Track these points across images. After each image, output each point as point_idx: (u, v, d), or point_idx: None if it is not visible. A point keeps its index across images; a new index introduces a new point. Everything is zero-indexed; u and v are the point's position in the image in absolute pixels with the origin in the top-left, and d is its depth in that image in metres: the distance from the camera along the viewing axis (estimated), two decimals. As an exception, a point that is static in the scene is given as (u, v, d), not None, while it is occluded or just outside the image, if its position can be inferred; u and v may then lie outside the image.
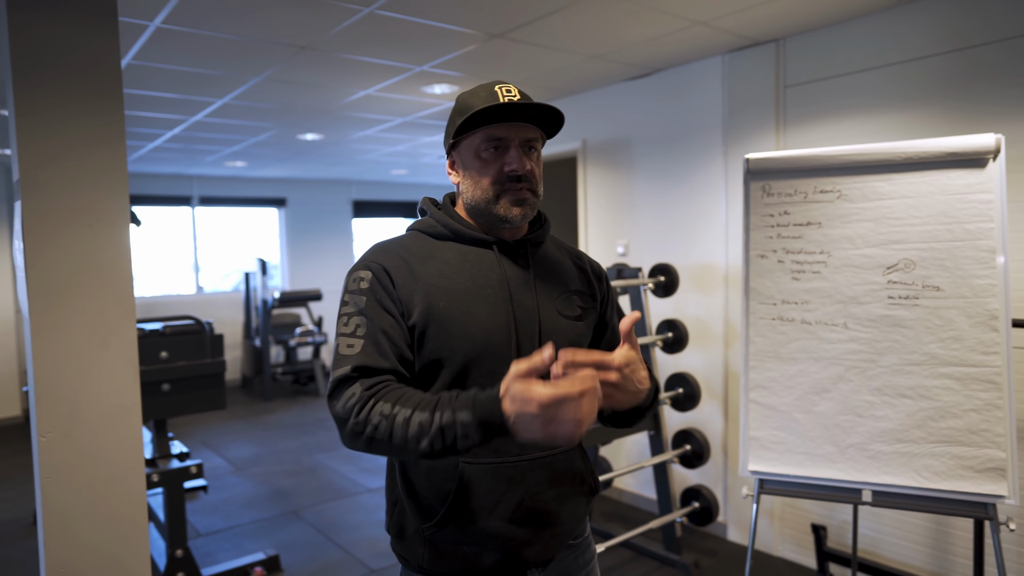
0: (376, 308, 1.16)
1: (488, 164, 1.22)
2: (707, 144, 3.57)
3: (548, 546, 1.24)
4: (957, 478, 2.04)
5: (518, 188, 1.22)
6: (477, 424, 1.02)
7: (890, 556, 2.93)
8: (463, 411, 1.03)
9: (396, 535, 1.27)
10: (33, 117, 1.79)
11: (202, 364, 3.18)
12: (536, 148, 1.26)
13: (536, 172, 1.25)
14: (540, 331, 1.23)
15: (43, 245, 1.80)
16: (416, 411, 1.05)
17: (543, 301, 1.26)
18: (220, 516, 4.11)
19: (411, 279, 1.19)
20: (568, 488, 1.27)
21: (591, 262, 1.42)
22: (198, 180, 7.90)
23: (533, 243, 1.31)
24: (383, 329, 1.14)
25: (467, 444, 1.03)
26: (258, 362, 7.58)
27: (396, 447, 1.06)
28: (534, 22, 2.89)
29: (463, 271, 1.22)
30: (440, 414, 1.04)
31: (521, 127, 1.22)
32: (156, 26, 2.81)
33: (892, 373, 2.14)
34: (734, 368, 3.49)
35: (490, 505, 1.19)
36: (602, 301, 1.38)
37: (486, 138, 1.22)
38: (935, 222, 2.10)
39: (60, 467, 1.83)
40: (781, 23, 2.99)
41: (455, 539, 1.20)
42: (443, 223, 1.27)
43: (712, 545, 3.50)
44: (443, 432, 1.03)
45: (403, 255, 1.23)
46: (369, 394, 1.08)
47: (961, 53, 2.65)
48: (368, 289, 1.18)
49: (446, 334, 1.16)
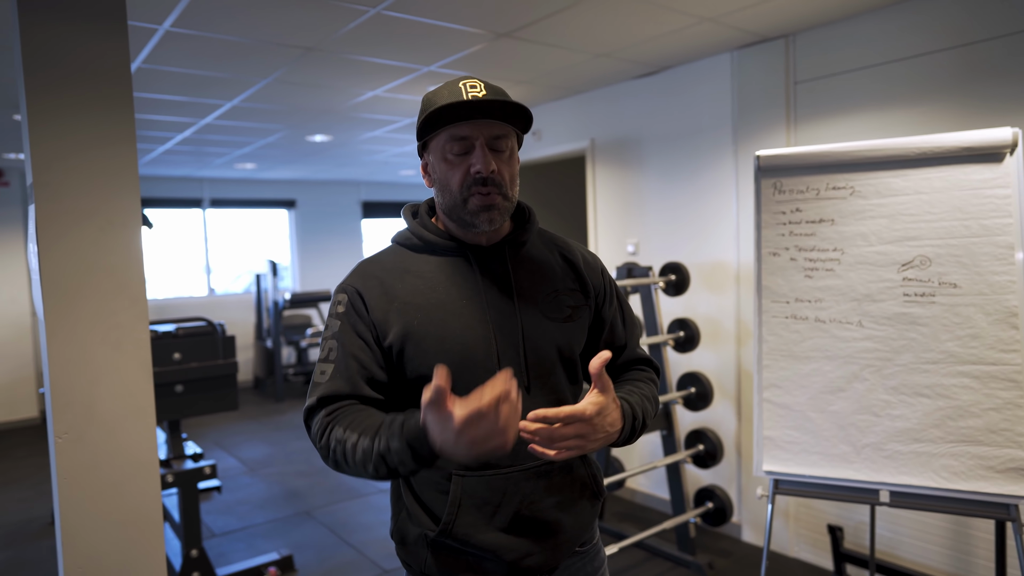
0: (349, 333, 1.17)
1: (454, 166, 1.17)
2: (717, 141, 3.55)
3: (552, 555, 1.22)
4: (977, 478, 2.01)
5: (484, 192, 1.15)
6: (408, 451, 1.01)
7: (908, 557, 2.90)
8: (395, 439, 1.02)
9: (400, 541, 1.26)
10: (45, 121, 1.80)
11: (215, 365, 3.20)
12: (506, 146, 1.18)
13: (506, 173, 1.17)
14: (523, 337, 1.19)
15: (56, 248, 1.81)
16: (361, 436, 1.06)
17: (524, 306, 1.21)
18: (234, 516, 4.13)
19: (385, 300, 1.17)
20: (569, 494, 1.23)
21: (584, 254, 1.34)
22: (208, 182, 7.95)
23: (513, 244, 1.25)
24: (354, 354, 1.15)
25: (406, 470, 1.03)
26: (269, 363, 7.61)
27: (354, 471, 1.08)
28: (541, 21, 2.88)
29: (437, 284, 1.19)
30: (379, 441, 1.04)
31: (487, 124, 1.15)
32: (165, 30, 2.82)
33: (908, 372, 2.12)
34: (747, 367, 3.46)
35: (487, 516, 1.17)
36: (598, 295, 1.31)
37: (450, 138, 1.16)
38: (951, 218, 2.07)
39: (76, 468, 1.84)
40: (790, 18, 2.96)
41: (457, 548, 1.19)
42: (417, 234, 1.24)
43: (726, 546, 3.47)
44: (384, 459, 1.03)
45: (379, 274, 1.21)
46: (328, 420, 1.11)
47: (974, 47, 2.62)
48: (343, 313, 1.18)
49: (423, 351, 1.15)
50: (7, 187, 6.52)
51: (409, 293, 1.18)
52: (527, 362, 1.19)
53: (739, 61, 3.41)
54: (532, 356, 1.19)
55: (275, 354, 7.38)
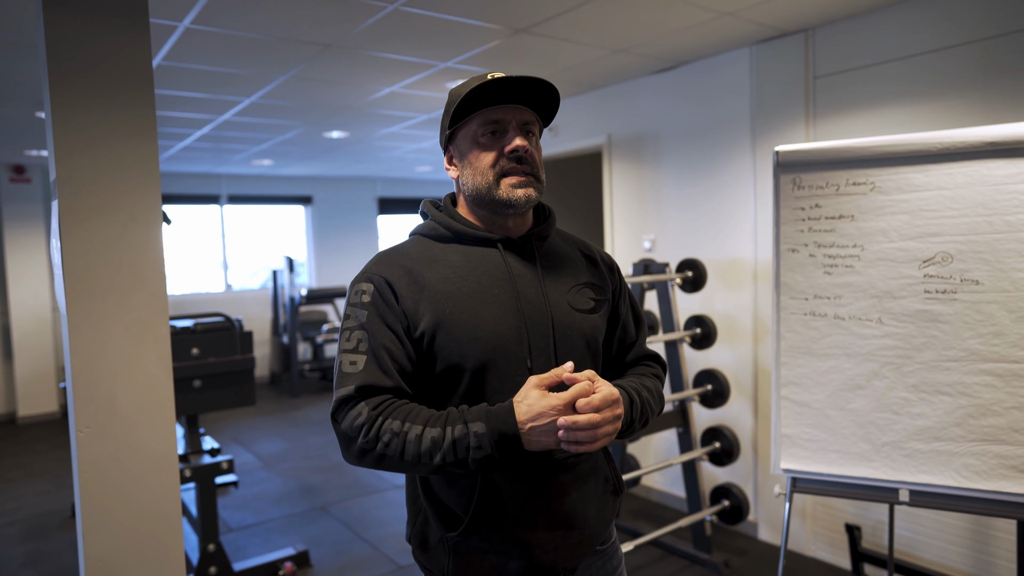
0: (378, 323, 1.14)
1: (487, 148, 1.19)
2: (735, 137, 3.52)
3: (575, 551, 1.21)
4: (999, 478, 1.98)
5: (520, 169, 1.18)
6: (490, 434, 1.04)
7: (928, 557, 2.87)
8: (476, 422, 1.05)
9: (419, 545, 1.25)
10: (68, 117, 1.82)
11: (232, 361, 3.22)
12: (534, 133, 1.23)
13: (536, 157, 1.21)
14: (553, 327, 1.20)
15: (79, 243, 1.83)
16: (427, 427, 1.07)
17: (553, 296, 1.22)
18: (250, 511, 4.16)
19: (415, 289, 1.16)
20: (593, 489, 1.24)
21: (601, 253, 1.38)
22: (226, 179, 8.01)
23: (538, 237, 1.27)
24: (385, 345, 1.13)
25: (479, 455, 1.05)
26: (286, 359, 7.67)
27: (408, 463, 1.08)
28: (558, 16, 2.87)
29: (468, 273, 1.19)
30: (452, 428, 1.06)
31: (517, 110, 1.20)
32: (185, 27, 2.84)
33: (929, 369, 2.09)
34: (764, 364, 3.44)
35: (514, 511, 1.16)
36: (614, 293, 1.34)
37: (483, 122, 1.19)
38: (974, 214, 2.04)
39: (97, 462, 1.87)
40: (810, 12, 2.93)
41: (480, 548, 1.18)
42: (445, 224, 1.24)
43: (743, 544, 3.45)
44: (455, 445, 1.05)
45: (406, 264, 1.20)
46: (376, 412, 1.08)
47: (996, 40, 2.58)
48: (370, 303, 1.16)
49: (455, 340, 1.14)
50: (29, 183, 6.61)
51: (439, 282, 1.17)
52: (557, 352, 1.20)
53: (758, 56, 3.38)
54: (562, 346, 1.20)
55: (291, 350, 7.43)
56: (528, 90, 1.18)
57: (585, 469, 1.23)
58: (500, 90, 1.17)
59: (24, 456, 5.47)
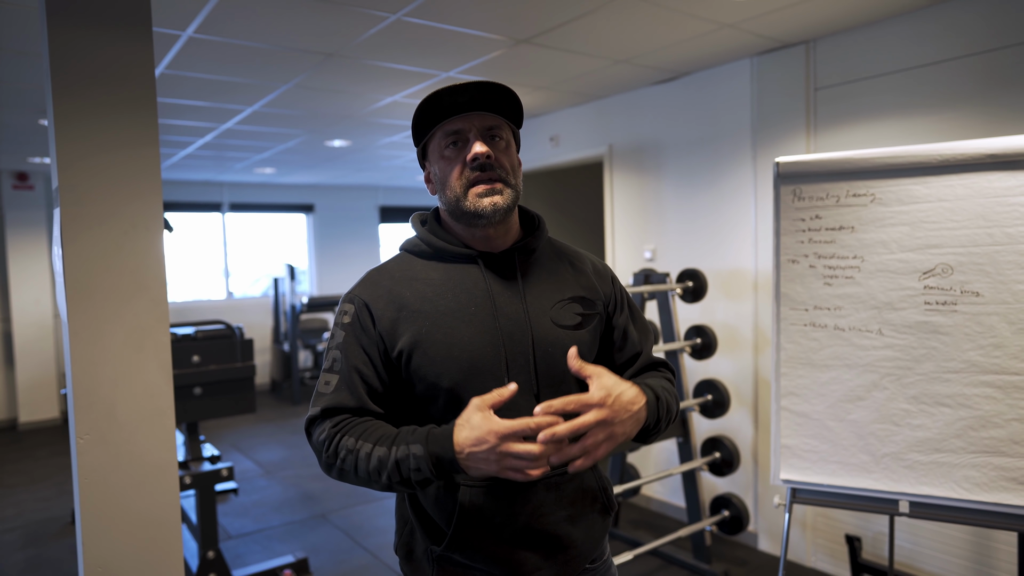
0: (353, 345, 1.16)
1: (451, 161, 1.17)
2: (736, 148, 3.53)
3: (562, 571, 1.19)
4: (1000, 490, 1.98)
5: (484, 177, 1.14)
6: (427, 457, 1.03)
7: (928, 569, 2.85)
8: (415, 444, 1.04)
9: (405, 556, 1.24)
10: (71, 125, 1.83)
11: (233, 368, 3.22)
12: (502, 136, 1.18)
13: (504, 161, 1.17)
14: (533, 345, 1.17)
15: (80, 250, 1.84)
16: (376, 445, 1.07)
17: (535, 312, 1.19)
18: (250, 518, 4.15)
19: (393, 308, 1.16)
20: (580, 508, 1.21)
21: (594, 263, 1.33)
22: (228, 187, 8.03)
23: (522, 251, 1.23)
24: (356, 367, 1.14)
25: (419, 478, 1.04)
26: (287, 366, 7.67)
27: (362, 479, 1.09)
28: (560, 27, 2.89)
29: (446, 291, 1.17)
30: (396, 448, 1.06)
31: (478, 116, 1.15)
32: (188, 36, 2.86)
33: (929, 381, 2.09)
34: (764, 375, 3.44)
35: (495, 529, 1.14)
36: (608, 304, 1.29)
37: (443, 135, 1.17)
38: (974, 226, 2.04)
39: (97, 469, 1.87)
40: (811, 24, 2.95)
41: (463, 563, 1.16)
42: (426, 241, 1.22)
43: (742, 555, 3.44)
44: (398, 465, 1.05)
45: (387, 283, 1.19)
46: (335, 430, 1.11)
47: (997, 53, 2.59)
48: (349, 324, 1.18)
49: (430, 360, 1.13)
50: (32, 190, 6.63)
51: (418, 300, 1.17)
52: (537, 370, 1.17)
53: (759, 67, 3.39)
54: (542, 364, 1.17)
55: (292, 357, 7.43)
56: (490, 95, 1.15)
57: (570, 489, 1.19)
58: (458, 99, 1.14)
59: (25, 462, 5.46)
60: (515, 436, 0.98)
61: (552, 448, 0.99)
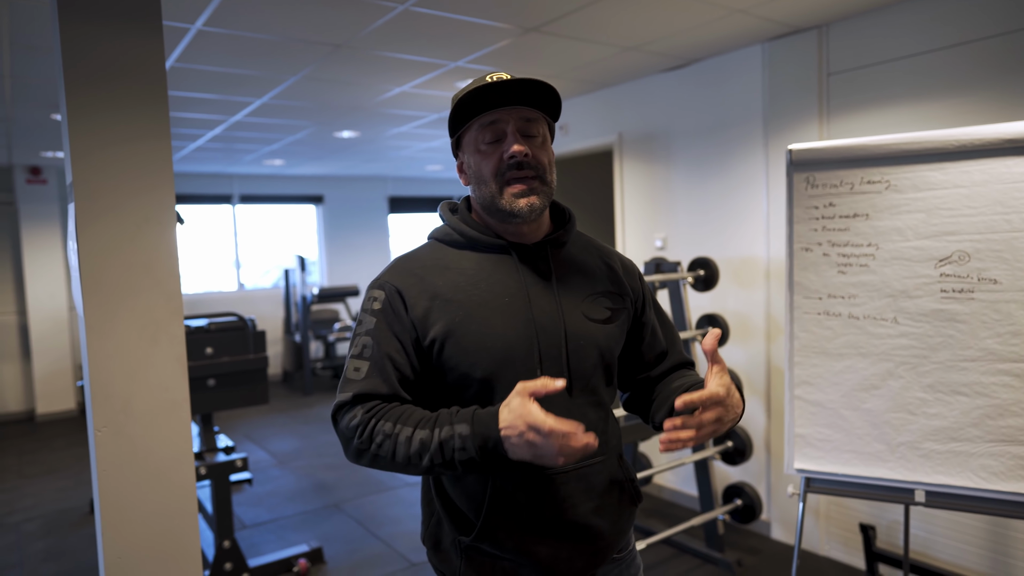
0: (385, 331, 1.14)
1: (487, 156, 1.16)
2: (747, 135, 3.50)
3: (589, 561, 1.19)
4: (1018, 479, 1.96)
5: (521, 176, 1.14)
6: (473, 437, 1.02)
7: (943, 558, 2.84)
8: (461, 424, 1.04)
9: (432, 547, 1.24)
10: (83, 118, 1.84)
11: (246, 360, 3.24)
12: (538, 131, 1.18)
13: (542, 158, 1.16)
14: (566, 337, 1.17)
15: (95, 245, 1.85)
16: (417, 429, 1.06)
17: (567, 305, 1.19)
18: (264, 508, 4.19)
19: (426, 297, 1.15)
20: (607, 500, 1.21)
21: (622, 259, 1.35)
22: (238, 179, 8.06)
23: (554, 244, 1.24)
24: (388, 354, 1.13)
25: (463, 457, 1.03)
26: (298, 357, 7.71)
27: (399, 464, 1.08)
28: (569, 15, 2.87)
29: (479, 281, 1.17)
30: (440, 429, 1.05)
31: (515, 109, 1.15)
32: (197, 29, 2.86)
33: (946, 369, 2.07)
34: (777, 364, 3.42)
35: (524, 520, 1.15)
36: (636, 300, 1.30)
37: (480, 127, 1.16)
38: (991, 212, 2.02)
39: (115, 460, 1.89)
40: (824, 9, 2.91)
41: (491, 553, 1.17)
42: (459, 230, 1.22)
43: (755, 543, 3.44)
44: (442, 447, 1.04)
45: (419, 271, 1.19)
46: (369, 415, 1.09)
47: (1014, 35, 2.54)
48: (380, 311, 1.16)
49: (464, 349, 1.13)
50: (45, 185, 6.68)
51: (450, 289, 1.16)
52: (569, 362, 1.17)
53: (771, 53, 3.35)
54: (574, 357, 1.17)
55: (303, 348, 7.47)
56: (528, 90, 1.14)
57: (598, 480, 1.20)
58: (498, 92, 1.13)
59: (42, 453, 5.54)
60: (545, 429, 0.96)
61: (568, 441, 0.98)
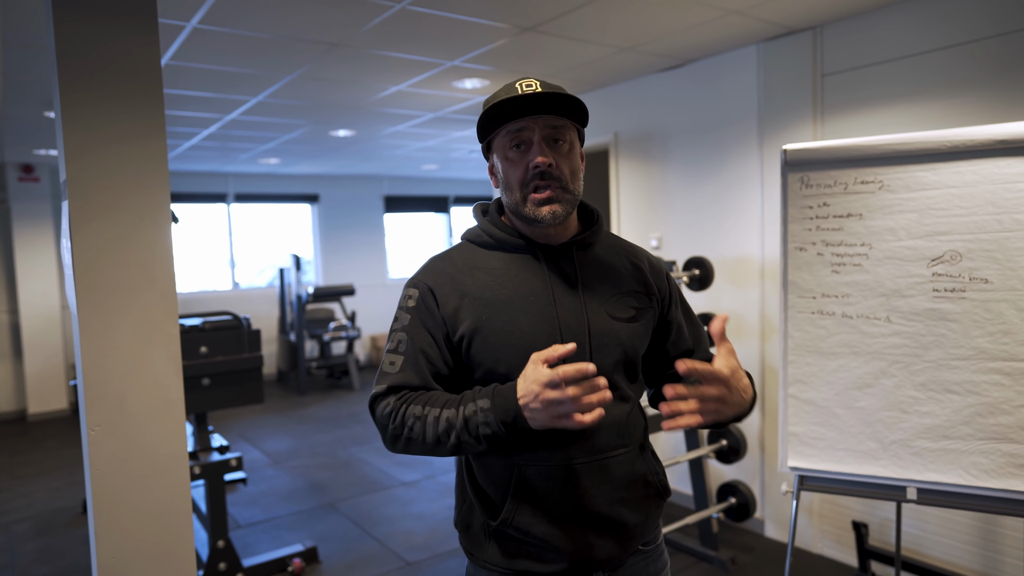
0: (419, 328, 1.21)
1: (514, 164, 1.20)
2: (742, 135, 3.51)
3: (613, 552, 1.22)
4: (1008, 476, 1.98)
5: (544, 186, 1.18)
6: (494, 409, 1.08)
7: (935, 555, 2.86)
8: (483, 399, 1.10)
9: (464, 530, 1.29)
10: (78, 117, 1.83)
11: (240, 359, 3.24)
12: (566, 137, 1.21)
13: (565, 167, 1.20)
14: (589, 335, 1.21)
15: (89, 243, 1.85)
16: (444, 408, 1.12)
17: (592, 305, 1.23)
18: (259, 508, 4.19)
19: (456, 295, 1.21)
20: (631, 492, 1.24)
21: (650, 259, 1.37)
22: (233, 177, 8.04)
23: (580, 245, 1.28)
24: (422, 349, 1.20)
25: (486, 431, 1.08)
26: (293, 357, 7.70)
27: (430, 445, 1.13)
28: (565, 15, 2.87)
29: (507, 280, 1.22)
30: (463, 407, 1.11)
31: (543, 118, 1.18)
32: (193, 26, 2.85)
33: (938, 368, 2.09)
34: (771, 362, 3.44)
35: (548, 508, 1.19)
36: (663, 299, 1.34)
37: (507, 134, 1.20)
38: (983, 212, 2.03)
39: (108, 460, 1.88)
40: (819, 10, 2.92)
41: (518, 538, 1.21)
42: (488, 232, 1.27)
43: (749, 541, 3.46)
44: (467, 423, 1.10)
45: (450, 271, 1.25)
46: (401, 402, 1.17)
47: (1007, 37, 2.56)
48: (414, 308, 1.23)
49: (490, 346, 1.18)
50: (37, 183, 6.65)
51: (479, 288, 1.22)
52: (592, 359, 1.21)
53: (766, 53, 3.37)
54: (597, 354, 1.21)
55: (298, 348, 7.46)
56: (557, 100, 1.17)
57: (620, 472, 1.22)
58: (526, 100, 1.16)
59: (34, 453, 5.51)
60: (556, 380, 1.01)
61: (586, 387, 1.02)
